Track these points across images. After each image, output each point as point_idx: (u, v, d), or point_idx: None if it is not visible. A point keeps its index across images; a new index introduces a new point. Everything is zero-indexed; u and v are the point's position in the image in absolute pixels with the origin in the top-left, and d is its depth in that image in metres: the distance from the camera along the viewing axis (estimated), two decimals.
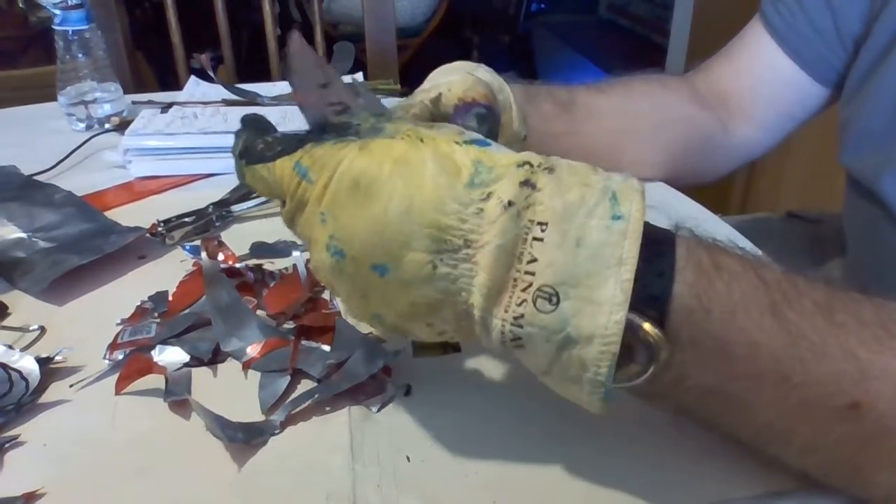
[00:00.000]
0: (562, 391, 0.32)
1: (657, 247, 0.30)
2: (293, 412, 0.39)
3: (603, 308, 0.28)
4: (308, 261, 0.51)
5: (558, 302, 0.28)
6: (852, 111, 0.60)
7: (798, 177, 1.49)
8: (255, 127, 0.34)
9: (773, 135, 0.67)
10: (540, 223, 0.29)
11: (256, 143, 0.33)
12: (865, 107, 0.58)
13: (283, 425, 0.39)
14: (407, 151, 0.30)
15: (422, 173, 0.29)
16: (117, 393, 0.41)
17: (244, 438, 0.37)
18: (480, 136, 0.32)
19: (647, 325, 0.29)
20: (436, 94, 0.44)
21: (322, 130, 0.33)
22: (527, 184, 0.29)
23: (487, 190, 0.29)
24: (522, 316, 0.29)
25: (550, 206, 0.29)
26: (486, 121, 0.44)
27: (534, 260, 0.29)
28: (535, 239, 0.29)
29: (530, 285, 0.29)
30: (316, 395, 0.40)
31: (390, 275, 0.30)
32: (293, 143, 0.32)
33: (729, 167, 0.69)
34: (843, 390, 0.29)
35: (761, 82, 0.65)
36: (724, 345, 0.30)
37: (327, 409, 0.40)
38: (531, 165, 0.30)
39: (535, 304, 0.29)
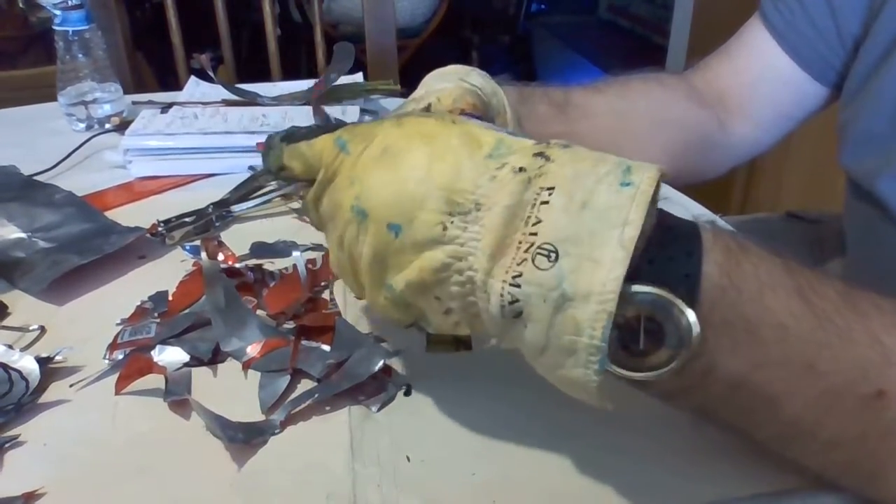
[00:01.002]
0: (558, 377, 0.31)
1: (682, 230, 0.30)
2: (293, 412, 0.39)
3: (602, 265, 0.27)
4: (308, 261, 0.51)
5: (557, 259, 0.28)
6: (852, 113, 0.60)
7: (798, 177, 1.49)
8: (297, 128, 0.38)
9: (770, 134, 0.67)
10: (549, 188, 0.29)
11: (300, 129, 0.37)
12: (865, 109, 0.58)
13: (283, 425, 0.39)
14: (437, 127, 0.32)
15: (446, 146, 0.31)
16: (117, 393, 0.41)
17: (244, 438, 0.37)
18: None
19: (679, 303, 0.28)
20: (426, 105, 0.44)
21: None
22: (541, 155, 0.30)
23: (504, 161, 0.31)
24: (521, 275, 0.29)
25: (561, 172, 0.29)
26: None
27: (539, 222, 0.29)
28: (542, 203, 0.29)
29: (532, 245, 0.29)
30: (316, 395, 0.40)
31: (403, 234, 0.31)
32: (332, 128, 0.36)
33: (727, 165, 0.69)
34: (868, 378, 0.29)
35: (760, 81, 0.65)
36: (754, 327, 0.29)
37: (327, 408, 0.40)
38: (548, 143, 0.31)
39: (533, 261, 0.28)
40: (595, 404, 0.30)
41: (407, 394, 0.41)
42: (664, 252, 0.28)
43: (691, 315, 0.28)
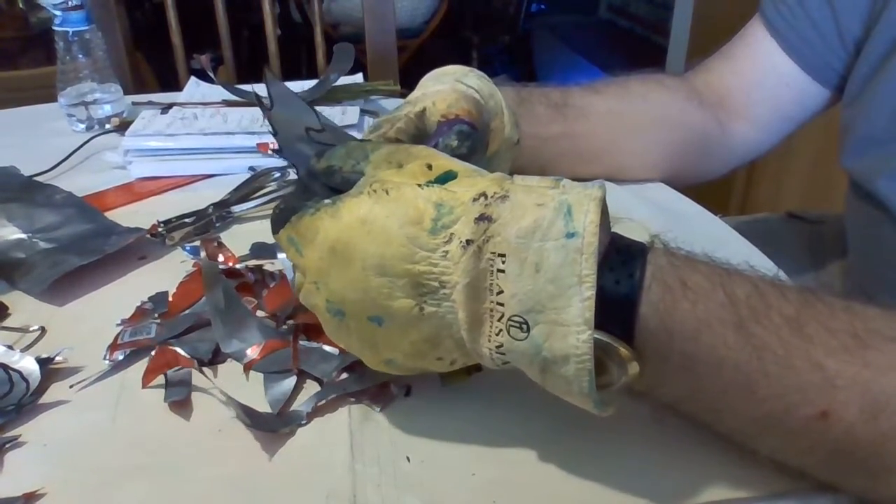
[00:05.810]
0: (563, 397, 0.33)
1: (626, 268, 0.31)
2: (319, 404, 0.39)
3: (571, 329, 0.29)
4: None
5: (529, 329, 0.30)
6: (853, 114, 0.60)
7: (798, 177, 1.48)
8: (299, 187, 0.37)
9: (771, 135, 0.67)
10: (500, 255, 0.30)
11: (275, 212, 0.36)
12: (866, 110, 0.58)
13: (310, 417, 0.39)
14: (372, 209, 0.32)
15: (387, 229, 0.31)
16: (144, 386, 0.41)
17: (273, 428, 0.38)
18: (448, 167, 0.33)
19: (616, 345, 0.31)
20: (420, 109, 0.45)
21: (311, 176, 0.36)
22: (482, 218, 0.30)
23: (449, 231, 0.31)
24: (502, 345, 0.31)
25: (506, 236, 0.30)
26: (467, 138, 0.44)
27: (501, 291, 0.30)
28: (498, 270, 0.30)
29: (503, 315, 0.30)
30: (333, 396, 0.40)
31: (386, 323, 0.33)
32: (289, 213, 0.35)
33: (727, 167, 0.69)
34: (811, 401, 0.30)
35: (761, 82, 0.65)
36: (689, 361, 0.31)
37: (328, 408, 0.40)
38: (486, 197, 0.31)
39: (509, 333, 0.31)
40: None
41: (407, 394, 0.41)
42: (608, 295, 0.30)
43: (627, 353, 0.31)
